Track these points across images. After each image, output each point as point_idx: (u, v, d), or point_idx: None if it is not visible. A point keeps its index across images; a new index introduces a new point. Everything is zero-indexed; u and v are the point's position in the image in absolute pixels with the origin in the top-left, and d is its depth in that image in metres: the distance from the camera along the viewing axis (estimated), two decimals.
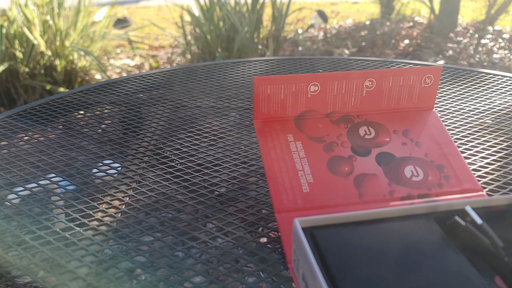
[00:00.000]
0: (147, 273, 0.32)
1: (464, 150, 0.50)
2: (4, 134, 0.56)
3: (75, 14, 2.14)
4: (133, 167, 0.48)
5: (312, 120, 0.42)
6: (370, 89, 0.42)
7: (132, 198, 0.42)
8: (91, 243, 0.36)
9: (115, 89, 0.71)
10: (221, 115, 0.61)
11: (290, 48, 2.87)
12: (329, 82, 0.41)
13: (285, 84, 0.40)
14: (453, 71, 0.77)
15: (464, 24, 3.35)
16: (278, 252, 0.34)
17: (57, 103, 0.66)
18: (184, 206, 0.41)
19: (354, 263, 0.27)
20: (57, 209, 0.40)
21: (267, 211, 0.40)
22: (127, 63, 2.68)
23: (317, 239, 0.29)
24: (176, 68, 0.81)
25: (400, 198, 0.37)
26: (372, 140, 0.41)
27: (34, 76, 2.06)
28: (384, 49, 2.87)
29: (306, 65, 0.80)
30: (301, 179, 0.38)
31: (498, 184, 0.43)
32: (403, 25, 3.34)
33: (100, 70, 2.21)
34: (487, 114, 0.60)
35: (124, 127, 0.58)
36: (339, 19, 3.91)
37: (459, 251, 0.28)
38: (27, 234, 0.37)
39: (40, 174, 0.47)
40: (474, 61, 2.61)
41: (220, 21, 2.29)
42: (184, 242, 0.36)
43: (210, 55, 2.32)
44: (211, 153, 0.50)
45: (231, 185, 0.44)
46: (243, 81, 0.74)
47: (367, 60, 0.82)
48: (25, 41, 2.00)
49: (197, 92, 0.70)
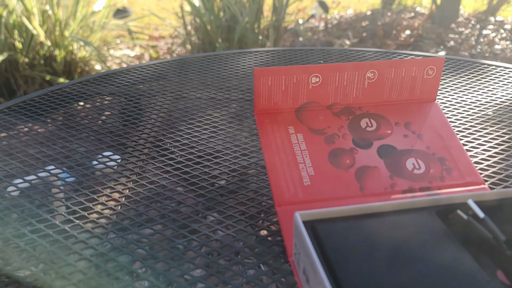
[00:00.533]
0: (147, 266, 0.32)
1: (466, 142, 0.50)
2: (3, 125, 0.56)
3: (74, 4, 2.12)
4: (133, 159, 0.48)
5: (313, 112, 0.41)
6: (372, 80, 0.41)
7: (132, 190, 0.42)
8: (91, 236, 0.36)
9: (115, 80, 0.71)
10: (221, 107, 0.61)
11: (290, 38, 2.85)
12: (331, 74, 0.40)
13: (286, 76, 0.39)
14: (454, 62, 0.76)
15: (466, 14, 3.32)
16: (279, 245, 0.34)
17: (57, 94, 0.65)
18: (184, 199, 0.40)
19: (355, 256, 0.27)
20: (57, 202, 0.40)
21: (267, 204, 0.39)
22: (127, 54, 2.66)
23: (318, 232, 0.29)
24: (176, 59, 0.80)
25: (402, 191, 0.37)
26: (374, 132, 0.40)
27: (33, 67, 2.04)
28: (385, 40, 2.85)
29: (307, 56, 0.80)
30: (302, 171, 0.38)
31: (500, 177, 0.43)
32: (404, 16, 3.31)
33: (100, 61, 2.20)
34: (488, 106, 0.59)
35: (124, 119, 0.58)
36: (340, 9, 3.87)
37: (460, 244, 0.28)
38: (26, 226, 0.37)
39: (40, 166, 0.46)
40: (476, 52, 2.59)
41: (221, 11, 2.27)
42: (184, 235, 0.36)
43: (210, 46, 2.30)
44: (211, 145, 0.50)
45: (232, 178, 0.44)
46: (244, 72, 0.73)
47: (368, 51, 0.81)
48: (24, 31, 1.98)
49: (197, 83, 0.69)
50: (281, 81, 0.39)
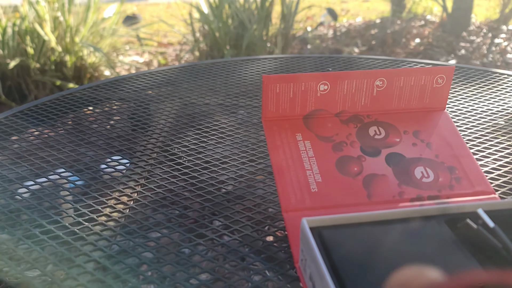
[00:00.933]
0: (153, 269, 0.32)
1: (476, 151, 0.50)
2: (15, 129, 0.57)
3: (85, 11, 2.16)
4: (141, 163, 0.48)
5: (321, 119, 0.41)
6: (380, 88, 0.41)
7: (140, 194, 0.42)
8: (99, 238, 0.36)
9: (124, 85, 0.71)
10: (229, 113, 0.61)
11: (299, 46, 2.86)
12: (339, 81, 0.40)
13: (294, 83, 0.39)
14: (465, 71, 0.76)
15: (478, 23, 3.30)
16: (285, 251, 0.34)
17: (67, 99, 0.66)
18: (191, 203, 0.41)
19: (362, 264, 0.27)
20: (66, 204, 0.41)
21: (274, 209, 0.39)
22: (136, 60, 2.69)
23: (325, 239, 0.29)
24: (185, 65, 0.81)
25: (410, 199, 0.37)
26: (382, 140, 0.40)
27: (44, 72, 2.07)
28: (395, 48, 2.85)
29: (315, 63, 0.80)
30: (309, 178, 0.38)
31: (511, 186, 0.43)
32: (414, 24, 3.31)
33: (109, 67, 2.22)
34: (500, 115, 0.59)
35: (133, 124, 0.58)
36: (349, 17, 3.88)
37: (470, 254, 0.28)
38: (36, 227, 0.37)
39: (50, 169, 0.47)
40: (487, 60, 2.58)
41: (229, 19, 2.29)
42: (190, 239, 0.36)
43: (218, 53, 2.32)
44: (219, 151, 0.50)
45: (238, 183, 0.44)
46: (252, 79, 0.74)
47: (377, 59, 0.81)
48: (36, 37, 2.02)
49: (205, 89, 0.70)
50: (289, 88, 0.40)
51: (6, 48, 1.95)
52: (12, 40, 1.95)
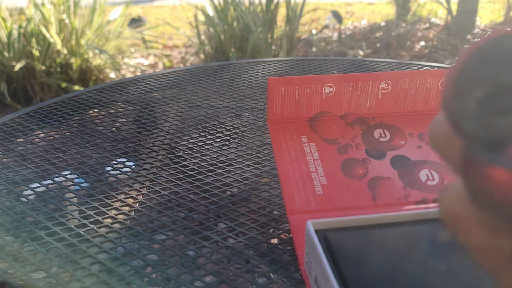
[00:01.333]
0: (158, 271, 0.32)
1: None
2: (20, 131, 0.57)
3: (90, 13, 2.17)
4: (146, 165, 0.48)
5: (327, 121, 0.41)
6: (386, 91, 0.41)
7: (146, 196, 0.42)
8: (105, 240, 0.36)
9: (130, 88, 0.72)
10: (234, 115, 0.61)
11: (303, 48, 2.86)
12: (344, 84, 0.40)
13: (300, 85, 0.40)
14: None
15: (482, 26, 3.29)
16: (290, 253, 0.34)
17: (73, 101, 0.66)
18: (196, 206, 0.41)
19: (367, 266, 0.27)
20: (72, 206, 0.41)
21: (279, 212, 0.39)
22: (141, 62, 2.70)
23: (330, 241, 0.29)
24: (190, 67, 0.81)
25: (415, 202, 0.37)
26: (387, 142, 0.40)
27: (50, 74, 2.09)
28: (399, 51, 2.84)
29: (320, 66, 0.80)
30: (314, 181, 0.38)
31: None
32: (419, 27, 3.30)
33: (115, 69, 2.23)
34: None
35: (138, 126, 0.58)
36: (354, 20, 3.88)
37: None
38: (42, 229, 0.37)
39: (55, 171, 0.47)
40: None
41: (234, 21, 2.30)
42: (195, 241, 0.36)
43: (223, 55, 2.32)
44: (224, 153, 0.51)
45: (244, 186, 0.44)
46: (257, 81, 0.74)
47: (382, 62, 0.81)
48: (41, 39, 2.03)
49: (211, 92, 0.70)
50: (295, 91, 0.40)
51: (11, 51, 1.96)
52: (18, 43, 1.97)
